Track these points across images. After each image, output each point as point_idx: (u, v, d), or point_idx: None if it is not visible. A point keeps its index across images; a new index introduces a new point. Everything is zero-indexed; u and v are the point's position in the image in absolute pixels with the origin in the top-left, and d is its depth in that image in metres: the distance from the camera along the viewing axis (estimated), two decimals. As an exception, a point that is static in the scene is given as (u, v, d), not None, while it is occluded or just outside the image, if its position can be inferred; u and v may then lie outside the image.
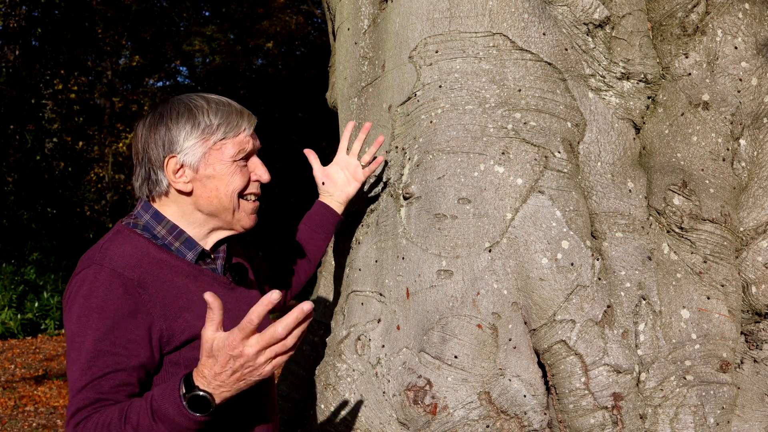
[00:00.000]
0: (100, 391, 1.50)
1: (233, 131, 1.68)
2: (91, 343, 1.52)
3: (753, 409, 2.23)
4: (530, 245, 2.09)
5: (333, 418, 2.20)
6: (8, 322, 9.02)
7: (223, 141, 1.68)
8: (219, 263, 1.77)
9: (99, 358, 1.52)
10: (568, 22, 2.28)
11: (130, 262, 1.59)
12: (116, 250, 1.61)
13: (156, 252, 1.65)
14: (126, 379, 1.53)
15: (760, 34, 2.44)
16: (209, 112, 1.67)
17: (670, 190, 2.27)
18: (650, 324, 2.14)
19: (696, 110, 2.37)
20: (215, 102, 1.70)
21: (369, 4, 2.48)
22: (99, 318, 1.53)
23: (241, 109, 1.72)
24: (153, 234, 1.70)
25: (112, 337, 1.53)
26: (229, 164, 1.69)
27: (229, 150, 1.69)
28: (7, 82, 12.70)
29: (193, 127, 1.67)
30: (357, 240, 2.38)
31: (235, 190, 1.70)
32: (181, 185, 1.70)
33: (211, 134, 1.67)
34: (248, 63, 19.22)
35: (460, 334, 2.05)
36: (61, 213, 12.78)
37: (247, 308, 1.75)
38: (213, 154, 1.68)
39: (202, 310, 1.62)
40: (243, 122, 1.70)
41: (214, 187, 1.70)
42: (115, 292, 1.55)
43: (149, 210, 1.72)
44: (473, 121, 2.18)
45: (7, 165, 12.66)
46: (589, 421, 2.01)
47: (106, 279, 1.56)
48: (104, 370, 1.51)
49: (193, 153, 1.68)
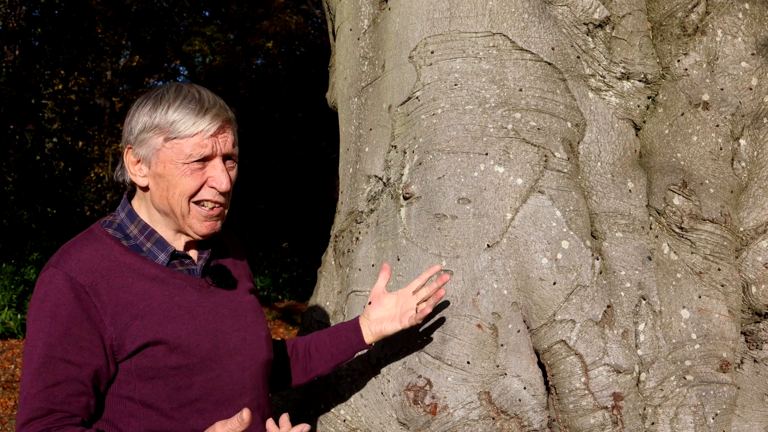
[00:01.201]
0: (53, 401, 1.46)
1: (188, 130, 1.57)
2: (42, 349, 1.48)
3: (753, 409, 2.23)
4: (530, 245, 2.09)
5: (333, 418, 2.20)
6: (8, 322, 9.01)
7: (175, 140, 1.57)
8: (200, 264, 1.70)
9: (51, 364, 1.48)
10: (568, 22, 2.28)
11: (84, 266, 1.54)
12: (75, 253, 1.56)
13: (121, 255, 1.60)
14: (79, 388, 1.49)
15: (760, 34, 2.44)
16: (170, 106, 1.58)
17: (670, 190, 2.27)
18: (650, 324, 2.14)
19: (696, 110, 2.37)
20: (187, 97, 1.59)
21: (369, 4, 2.48)
22: (51, 323, 1.49)
23: (208, 108, 1.59)
24: (125, 234, 1.65)
25: (65, 343, 1.49)
26: (178, 165, 1.58)
27: (181, 150, 1.57)
28: (7, 82, 12.70)
29: (149, 120, 1.58)
30: (357, 240, 2.38)
31: (183, 194, 1.60)
32: (138, 179, 1.64)
33: (164, 131, 1.57)
34: (248, 63, 19.21)
35: (460, 334, 2.05)
36: (61, 213, 12.77)
37: (229, 312, 1.70)
38: (165, 152, 1.58)
39: (161, 316, 1.57)
40: (202, 123, 1.58)
41: (165, 186, 1.61)
42: (66, 297, 1.50)
43: (125, 208, 1.68)
44: (473, 121, 2.18)
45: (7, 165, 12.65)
46: (589, 421, 2.01)
47: (59, 283, 1.51)
48: (57, 378, 1.47)
49: (146, 146, 1.60)
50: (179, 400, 1.58)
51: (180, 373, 1.58)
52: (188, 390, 1.58)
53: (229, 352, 1.66)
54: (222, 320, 1.68)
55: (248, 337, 1.72)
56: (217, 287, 1.71)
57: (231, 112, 1.68)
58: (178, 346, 1.57)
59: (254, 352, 1.72)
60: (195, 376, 1.59)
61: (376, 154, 2.37)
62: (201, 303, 1.66)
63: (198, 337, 1.61)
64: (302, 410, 2.37)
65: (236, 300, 1.74)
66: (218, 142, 1.61)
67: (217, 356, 1.63)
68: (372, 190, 2.37)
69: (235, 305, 1.73)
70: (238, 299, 1.75)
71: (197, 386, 1.59)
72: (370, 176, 2.38)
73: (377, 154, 2.36)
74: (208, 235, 1.67)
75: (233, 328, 1.69)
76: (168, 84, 1.65)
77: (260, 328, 1.77)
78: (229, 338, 1.67)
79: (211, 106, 1.60)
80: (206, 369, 1.61)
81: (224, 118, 1.62)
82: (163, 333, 1.57)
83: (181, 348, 1.58)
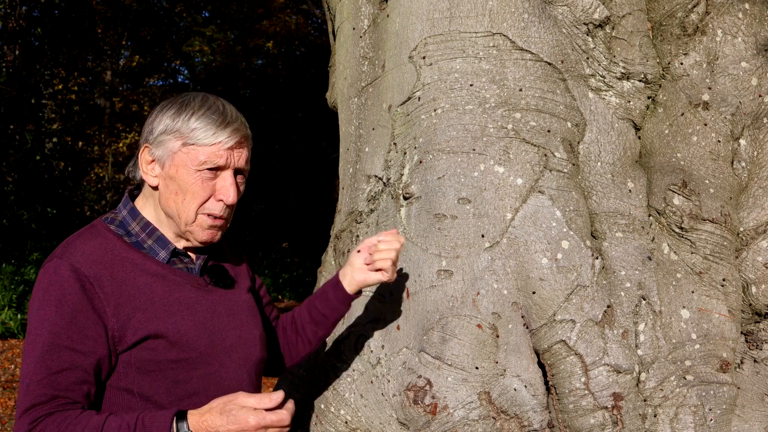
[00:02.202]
0: (57, 387, 1.48)
1: (207, 140, 1.61)
2: (47, 336, 1.50)
3: (753, 409, 2.23)
4: (530, 245, 2.09)
5: (333, 418, 2.20)
6: (8, 322, 9.01)
7: (193, 146, 1.62)
8: (199, 263, 1.73)
9: (55, 352, 1.50)
10: (568, 22, 2.28)
11: (89, 258, 1.57)
12: (79, 245, 1.59)
13: (123, 250, 1.63)
14: (83, 376, 1.51)
15: (760, 34, 2.44)
16: (194, 114, 1.62)
17: (670, 190, 2.27)
18: (650, 324, 2.14)
19: (696, 110, 2.37)
20: (211, 108, 1.64)
21: (369, 4, 2.48)
22: (57, 311, 1.51)
23: (230, 122, 1.64)
24: (127, 231, 1.67)
25: (69, 331, 1.51)
26: (191, 171, 1.62)
27: (196, 156, 1.62)
28: (7, 82, 12.70)
29: (171, 123, 1.63)
30: (357, 240, 2.38)
31: (191, 201, 1.64)
32: (150, 178, 1.67)
33: (184, 136, 1.62)
34: (248, 63, 19.22)
35: (460, 334, 2.05)
36: (61, 213, 12.77)
37: (226, 311, 1.73)
38: (180, 156, 1.63)
39: (161, 310, 1.60)
40: (221, 135, 1.62)
41: (174, 190, 1.64)
42: (72, 287, 1.53)
43: (127, 206, 1.71)
44: (473, 121, 2.18)
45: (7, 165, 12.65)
46: (589, 421, 2.01)
47: (64, 273, 1.54)
48: (61, 365, 1.49)
49: (163, 148, 1.64)
50: (177, 394, 1.60)
51: (179, 367, 1.60)
52: (186, 384, 1.61)
53: (226, 349, 1.69)
54: (219, 318, 1.71)
55: (244, 336, 1.75)
56: (214, 286, 1.74)
57: (249, 130, 1.73)
58: (177, 341, 1.60)
59: (249, 350, 1.76)
60: (193, 370, 1.62)
61: (376, 154, 2.37)
62: (199, 300, 1.68)
63: (197, 333, 1.64)
64: (302, 410, 2.37)
65: (233, 299, 1.77)
66: (233, 155, 1.65)
67: (215, 352, 1.67)
68: (372, 190, 2.37)
69: (231, 304, 1.76)
70: (235, 298, 1.78)
71: (195, 380, 1.62)
72: (370, 176, 2.38)
73: (377, 154, 2.36)
74: (207, 242, 1.70)
75: (230, 326, 1.73)
76: (195, 93, 1.70)
77: (255, 327, 1.81)
78: (225, 336, 1.70)
79: (233, 120, 1.65)
80: (204, 364, 1.64)
81: (243, 134, 1.67)
82: (164, 326, 1.59)
83: (180, 342, 1.60)
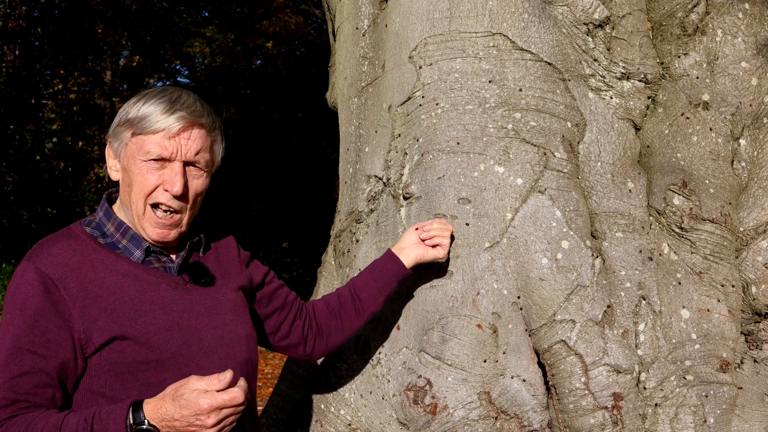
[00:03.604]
0: (19, 391, 1.47)
1: (152, 128, 1.57)
2: (10, 340, 1.50)
3: (753, 409, 2.23)
4: (530, 245, 2.09)
5: (333, 418, 2.20)
6: (8, 322, 9.01)
7: (140, 135, 1.58)
8: (178, 262, 1.70)
9: (18, 355, 1.49)
10: (568, 22, 2.28)
11: (55, 260, 1.55)
12: (47, 248, 1.58)
13: (95, 252, 1.60)
14: (45, 380, 1.49)
15: (760, 34, 2.44)
16: (146, 103, 1.59)
17: (670, 190, 2.27)
18: (650, 324, 2.14)
19: (696, 110, 2.37)
20: (165, 96, 1.60)
21: (369, 4, 2.48)
22: (20, 315, 1.51)
23: (176, 110, 1.58)
24: (103, 232, 1.66)
25: (32, 335, 1.50)
26: (138, 162, 1.59)
27: (142, 146, 1.58)
28: (7, 82, 12.70)
29: (125, 114, 1.61)
30: (357, 240, 2.39)
31: (138, 192, 1.61)
32: (112, 172, 1.66)
33: (133, 125, 1.59)
34: (248, 63, 19.22)
35: (460, 334, 2.05)
36: (61, 213, 12.77)
37: (206, 310, 1.68)
38: (131, 147, 1.60)
39: (131, 310, 1.57)
40: (166, 122, 1.57)
41: (127, 182, 1.62)
42: (36, 290, 1.52)
43: (103, 207, 1.70)
44: (473, 121, 2.18)
45: (7, 165, 12.65)
46: (589, 421, 2.01)
47: (29, 277, 1.53)
48: (23, 368, 1.48)
49: (119, 140, 1.62)
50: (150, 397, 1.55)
51: (150, 369, 1.57)
52: (159, 386, 1.54)
53: (204, 349, 1.64)
54: (197, 318, 1.66)
55: (226, 336, 1.69)
56: (193, 284, 1.69)
57: (212, 120, 1.66)
58: (146, 341, 1.57)
59: (232, 350, 1.69)
60: (165, 372, 1.58)
61: (376, 154, 2.37)
62: (175, 300, 1.64)
63: (169, 333, 1.60)
64: (302, 410, 2.37)
65: (216, 298, 1.72)
66: (180, 145, 1.59)
67: (189, 353, 1.62)
68: (372, 190, 2.38)
69: (213, 303, 1.71)
70: (219, 297, 1.73)
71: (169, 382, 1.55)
72: (370, 176, 2.38)
73: (377, 154, 2.36)
74: (159, 242, 1.66)
75: (210, 326, 1.67)
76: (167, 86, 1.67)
77: (240, 327, 1.74)
78: (203, 336, 1.65)
79: (184, 107, 1.59)
80: (178, 365, 1.59)
81: (192, 120, 1.60)
82: (132, 327, 1.56)
83: (150, 343, 1.57)
